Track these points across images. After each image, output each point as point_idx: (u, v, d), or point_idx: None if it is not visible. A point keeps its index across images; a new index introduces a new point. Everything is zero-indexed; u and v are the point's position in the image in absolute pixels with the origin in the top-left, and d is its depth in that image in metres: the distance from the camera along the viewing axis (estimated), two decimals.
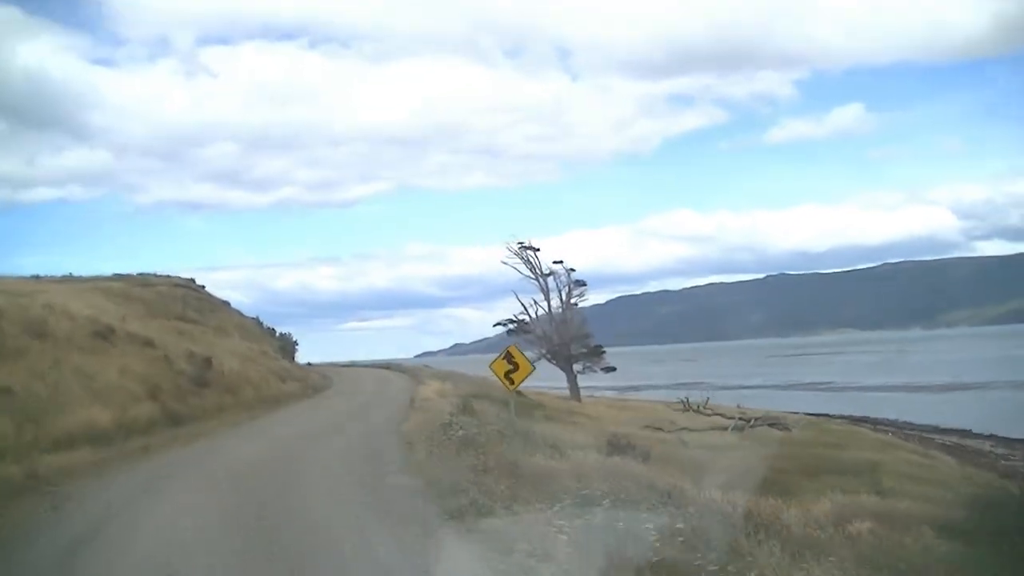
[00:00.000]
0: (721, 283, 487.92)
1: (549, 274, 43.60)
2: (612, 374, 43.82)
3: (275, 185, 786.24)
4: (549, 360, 42.34)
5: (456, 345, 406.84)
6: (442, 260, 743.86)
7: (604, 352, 42.88)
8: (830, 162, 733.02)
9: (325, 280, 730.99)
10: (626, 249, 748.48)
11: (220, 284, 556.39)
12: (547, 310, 43.55)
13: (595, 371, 42.64)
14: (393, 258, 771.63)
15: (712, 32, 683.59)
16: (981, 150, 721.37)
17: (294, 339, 55.10)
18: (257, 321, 54.39)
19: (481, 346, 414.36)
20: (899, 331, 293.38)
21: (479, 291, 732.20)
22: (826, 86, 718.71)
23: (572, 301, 43.25)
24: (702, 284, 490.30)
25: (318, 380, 43.18)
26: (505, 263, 43.73)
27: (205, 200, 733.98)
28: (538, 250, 43.73)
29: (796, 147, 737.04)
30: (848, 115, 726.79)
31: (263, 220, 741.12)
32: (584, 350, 42.45)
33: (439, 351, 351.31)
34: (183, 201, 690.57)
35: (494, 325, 46.87)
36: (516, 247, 43.50)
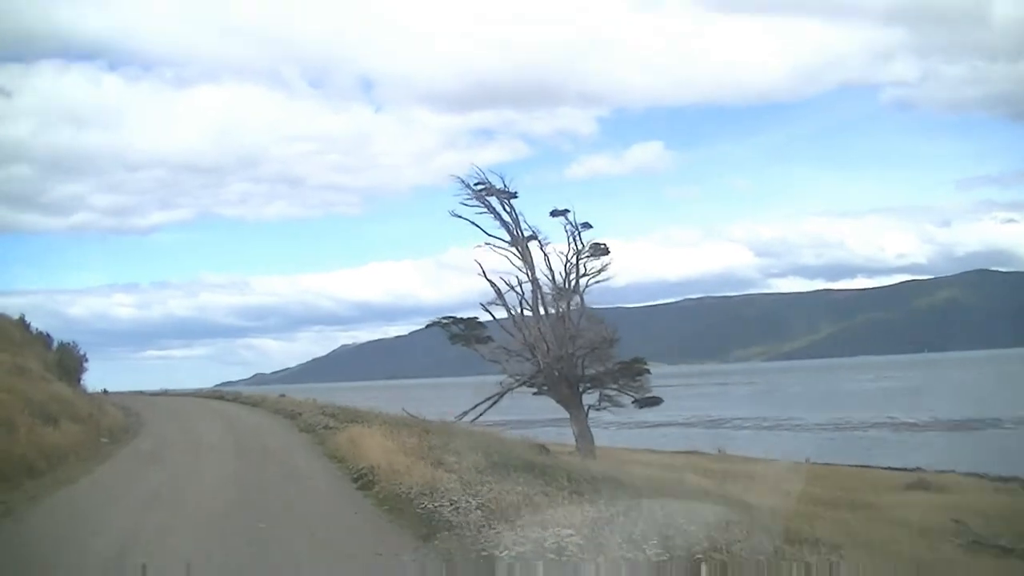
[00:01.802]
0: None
1: (532, 237, 26.41)
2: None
3: (71, 209, 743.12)
4: (539, 389, 25.20)
5: (257, 375, 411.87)
6: (243, 290, 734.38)
7: (646, 370, 25.48)
8: (630, 198, 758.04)
9: (122, 308, 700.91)
10: (426, 282, 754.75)
11: (10, 309, 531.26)
12: (532, 302, 26.14)
13: (622, 405, 25.19)
14: (193, 287, 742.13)
15: (514, 68, 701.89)
16: (775, 190, 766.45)
17: (82, 353, 34.81)
18: (22, 323, 35.20)
19: (282, 376, 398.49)
20: (698, 365, 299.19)
21: (280, 322, 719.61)
22: (626, 124, 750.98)
23: (585, 280, 26.03)
24: (502, 318, 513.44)
25: (118, 420, 23.87)
26: (458, 216, 26.03)
27: None
28: (515, 195, 26.37)
29: (596, 183, 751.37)
30: (648, 152, 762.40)
31: (58, 245, 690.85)
32: (607, 367, 24.87)
33: (239, 381, 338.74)
34: None
35: (427, 326, 28.91)
36: (475, 186, 26.07)
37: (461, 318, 28.41)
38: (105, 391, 38.53)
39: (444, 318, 28.77)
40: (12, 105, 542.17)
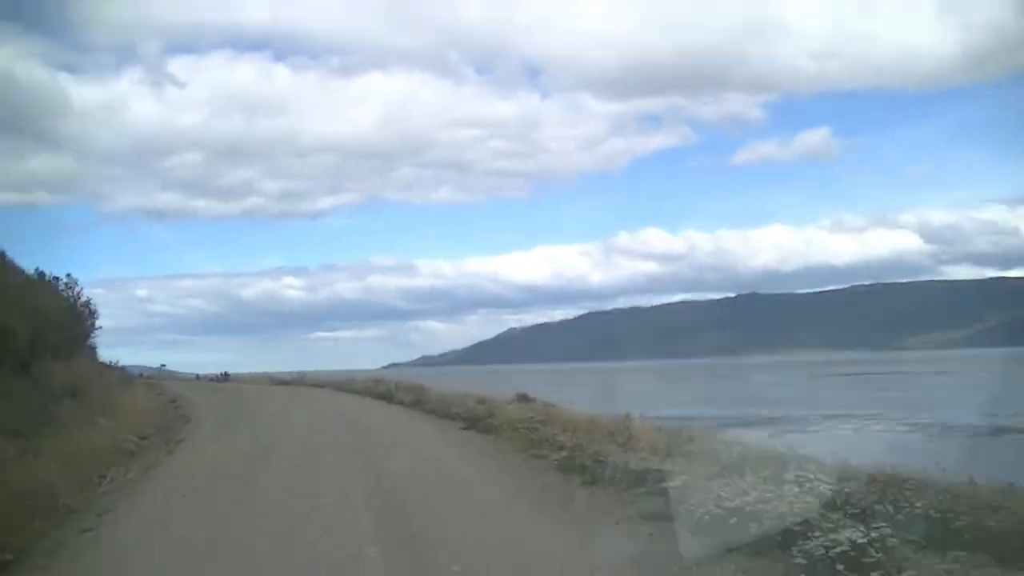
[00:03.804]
0: (692, 301, 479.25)
1: None
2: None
3: (242, 195, 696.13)
4: None
5: (424, 357, 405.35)
6: (409, 273, 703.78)
7: None
8: (797, 184, 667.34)
9: (292, 290, 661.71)
10: (595, 266, 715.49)
11: (186, 292, 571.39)
12: None
13: None
14: (360, 270, 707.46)
15: (681, 54, 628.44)
16: (947, 177, 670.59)
17: (87, 301, 26.58)
18: None
19: (449, 358, 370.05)
20: (866, 352, 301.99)
21: (447, 304, 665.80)
22: (794, 109, 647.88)
23: None
24: (673, 302, 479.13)
25: None
26: None
27: (171, 208, 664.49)
28: None
29: (763, 169, 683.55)
30: (815, 138, 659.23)
31: (229, 230, 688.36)
32: None
33: (407, 363, 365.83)
34: (149, 209, 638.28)
35: None
36: None
37: None
38: (142, 375, 40.27)
39: None
40: (185, 95, 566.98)
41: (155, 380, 41.77)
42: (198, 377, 50.60)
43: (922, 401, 48.66)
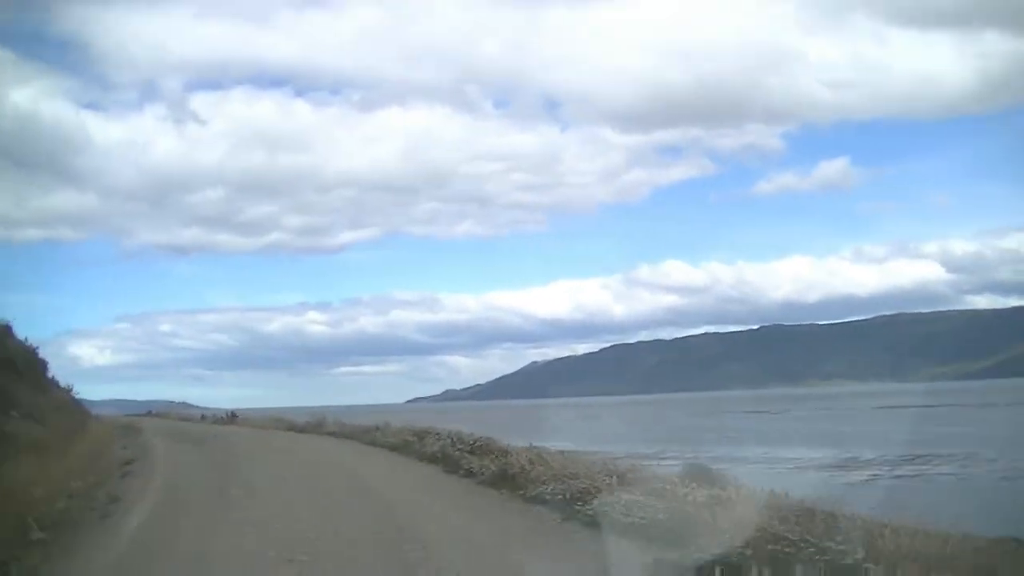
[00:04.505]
0: (715, 333, 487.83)
1: None
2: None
3: (263, 230, 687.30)
4: None
5: (447, 391, 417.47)
6: (432, 307, 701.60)
7: None
8: (818, 215, 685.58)
9: (315, 325, 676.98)
10: (616, 299, 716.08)
11: (208, 327, 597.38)
12: None
13: None
14: (383, 304, 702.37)
15: (698, 85, 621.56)
16: (968, 206, 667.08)
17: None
18: None
19: (472, 392, 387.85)
20: (892, 383, 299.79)
21: (469, 338, 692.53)
22: (814, 139, 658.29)
23: None
24: (696, 334, 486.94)
25: None
26: None
27: (192, 244, 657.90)
28: None
29: (784, 199, 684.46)
30: (836, 168, 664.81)
31: (251, 264, 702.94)
32: None
33: (430, 396, 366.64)
34: (171, 244, 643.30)
35: None
36: None
37: None
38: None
39: None
40: (207, 131, 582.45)
41: (139, 420, 39.75)
42: (203, 417, 48.16)
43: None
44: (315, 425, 30.67)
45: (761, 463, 32.66)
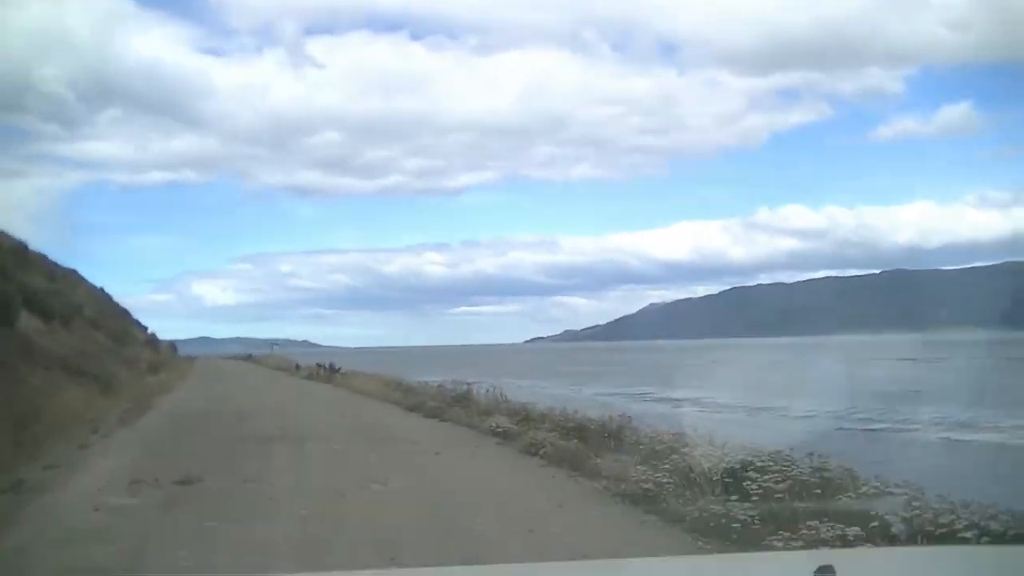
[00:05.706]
0: (835, 277, 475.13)
1: None
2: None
3: (382, 173, 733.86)
4: None
5: (566, 332, 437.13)
6: (551, 249, 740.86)
7: None
8: (940, 159, 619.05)
9: (434, 266, 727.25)
10: (735, 242, 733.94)
11: (329, 267, 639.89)
12: None
13: None
14: (501, 246, 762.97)
15: (818, 27, 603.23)
16: None
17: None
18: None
19: (591, 332, 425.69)
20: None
21: (588, 280, 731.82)
22: (935, 83, 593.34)
23: None
24: (816, 278, 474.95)
25: None
26: None
27: (313, 186, 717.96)
28: None
29: (904, 144, 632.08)
30: (957, 112, 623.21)
31: (371, 206, 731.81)
32: None
33: (549, 336, 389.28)
34: (292, 187, 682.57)
35: None
36: None
37: None
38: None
39: None
40: (325, 75, 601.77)
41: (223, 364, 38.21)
42: (298, 367, 42.47)
43: None
44: (456, 399, 18.86)
45: None
